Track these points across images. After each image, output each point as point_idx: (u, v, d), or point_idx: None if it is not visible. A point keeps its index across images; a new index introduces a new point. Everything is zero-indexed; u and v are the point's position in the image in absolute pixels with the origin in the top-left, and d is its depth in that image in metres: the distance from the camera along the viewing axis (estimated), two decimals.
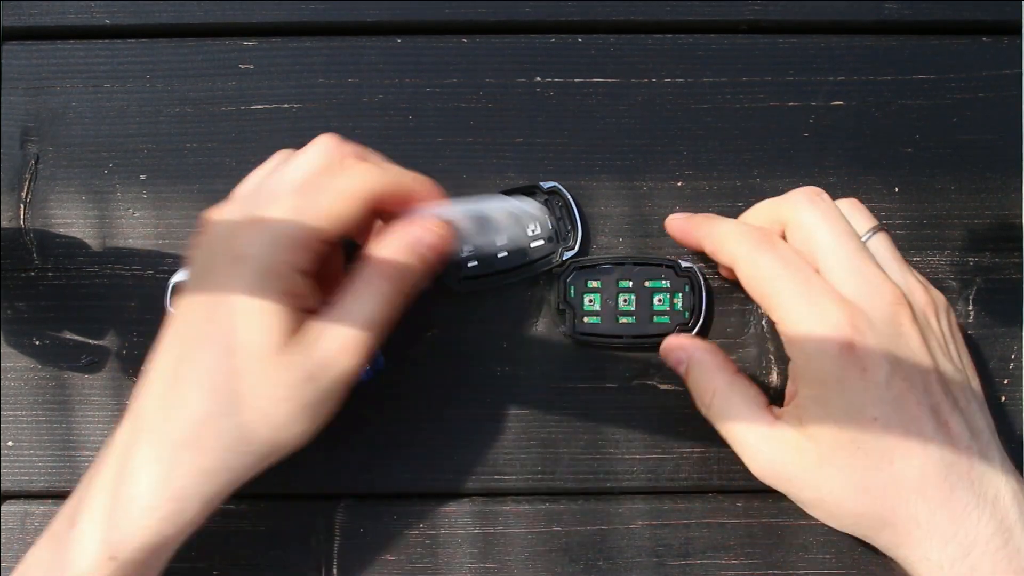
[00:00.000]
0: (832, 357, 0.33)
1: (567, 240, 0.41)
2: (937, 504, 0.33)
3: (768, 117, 0.44)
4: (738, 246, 0.36)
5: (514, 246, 0.41)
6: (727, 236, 0.37)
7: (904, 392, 0.33)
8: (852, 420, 0.33)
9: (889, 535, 0.34)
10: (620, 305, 0.41)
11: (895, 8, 0.44)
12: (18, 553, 0.43)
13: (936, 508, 0.33)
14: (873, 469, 0.33)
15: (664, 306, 0.41)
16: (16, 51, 0.44)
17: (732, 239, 0.36)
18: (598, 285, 0.41)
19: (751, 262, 0.36)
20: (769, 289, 0.35)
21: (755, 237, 0.36)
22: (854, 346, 0.33)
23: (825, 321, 0.33)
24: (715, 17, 0.44)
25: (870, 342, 0.33)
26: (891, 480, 0.33)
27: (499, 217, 0.38)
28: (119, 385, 0.43)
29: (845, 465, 0.34)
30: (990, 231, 0.43)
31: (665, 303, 0.41)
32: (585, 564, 0.42)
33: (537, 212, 0.40)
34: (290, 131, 0.43)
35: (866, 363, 0.33)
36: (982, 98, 0.44)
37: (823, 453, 0.34)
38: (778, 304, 0.35)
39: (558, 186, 0.42)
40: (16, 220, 0.43)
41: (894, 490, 0.33)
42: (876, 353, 0.33)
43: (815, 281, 0.35)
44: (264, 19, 0.44)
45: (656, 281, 0.41)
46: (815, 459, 0.34)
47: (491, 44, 0.44)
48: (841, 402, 0.33)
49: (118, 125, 0.43)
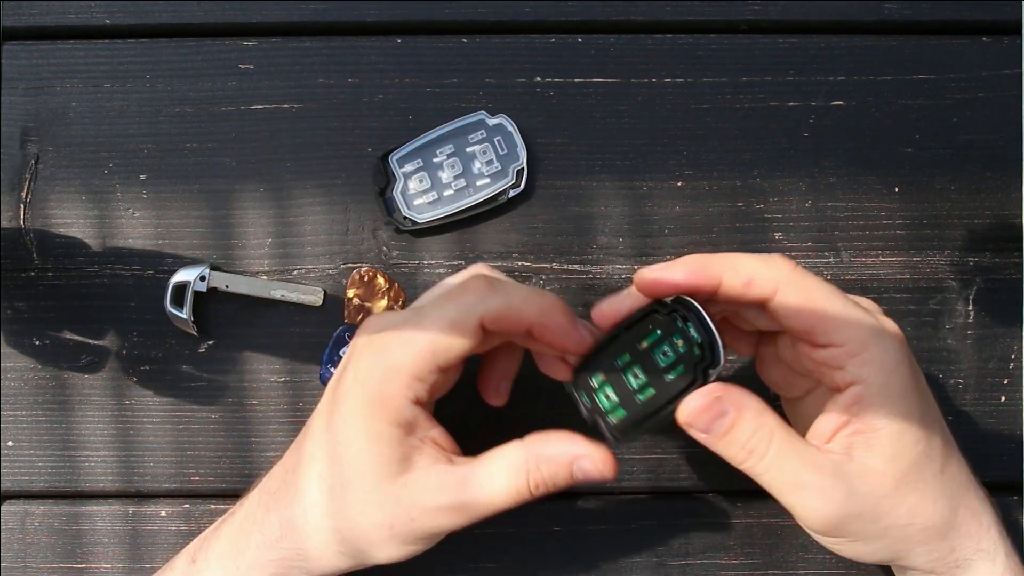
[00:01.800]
0: (908, 365, 0.33)
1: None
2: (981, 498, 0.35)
3: (768, 117, 0.44)
4: (779, 269, 0.33)
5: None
6: (758, 263, 0.33)
7: (932, 401, 0.35)
8: (923, 428, 0.33)
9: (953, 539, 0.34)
10: (632, 384, 0.34)
11: (895, 8, 0.44)
12: (18, 553, 0.43)
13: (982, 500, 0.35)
14: (940, 474, 0.34)
15: (671, 358, 0.33)
16: (16, 51, 0.44)
17: (766, 264, 0.33)
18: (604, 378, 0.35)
19: (802, 285, 0.33)
20: (832, 308, 0.32)
21: (786, 259, 0.34)
22: (910, 354, 0.34)
23: (892, 333, 0.33)
24: (715, 17, 0.44)
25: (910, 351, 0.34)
26: (952, 480, 0.34)
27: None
28: (119, 385, 0.43)
29: (919, 478, 0.33)
30: (990, 231, 0.43)
31: (671, 354, 0.33)
32: (585, 564, 0.42)
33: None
34: (290, 131, 0.43)
35: (917, 370, 0.34)
36: (982, 98, 0.44)
37: (899, 473, 0.33)
38: (850, 325, 0.32)
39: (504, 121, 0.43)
40: (16, 220, 0.43)
41: (957, 489, 0.34)
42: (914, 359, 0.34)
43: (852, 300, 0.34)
44: (264, 19, 0.44)
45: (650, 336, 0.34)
46: (891, 482, 0.33)
47: (491, 44, 0.44)
48: (917, 412, 0.33)
49: (118, 125, 0.43)
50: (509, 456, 0.33)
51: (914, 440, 0.33)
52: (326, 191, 0.43)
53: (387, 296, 0.43)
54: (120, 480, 0.43)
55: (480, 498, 0.33)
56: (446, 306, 0.33)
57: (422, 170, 0.43)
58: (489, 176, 0.43)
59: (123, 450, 0.43)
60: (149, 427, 0.43)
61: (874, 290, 0.43)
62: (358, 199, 0.43)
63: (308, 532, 0.34)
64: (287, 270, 0.43)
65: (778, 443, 0.33)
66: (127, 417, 0.43)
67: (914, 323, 0.43)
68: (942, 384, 0.43)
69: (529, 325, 0.33)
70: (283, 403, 0.43)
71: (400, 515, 0.33)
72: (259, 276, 0.43)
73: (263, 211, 0.43)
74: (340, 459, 0.34)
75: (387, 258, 0.43)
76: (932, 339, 0.43)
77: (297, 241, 0.43)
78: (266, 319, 0.43)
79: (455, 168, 0.43)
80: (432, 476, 0.33)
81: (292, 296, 0.42)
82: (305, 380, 0.43)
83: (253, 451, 0.43)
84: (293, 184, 0.43)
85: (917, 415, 0.33)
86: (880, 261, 0.43)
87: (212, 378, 0.43)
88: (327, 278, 0.43)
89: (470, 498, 0.33)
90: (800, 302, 0.33)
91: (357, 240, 0.43)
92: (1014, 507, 0.43)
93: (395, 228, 0.43)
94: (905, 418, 0.33)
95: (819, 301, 0.33)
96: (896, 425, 0.33)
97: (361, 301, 0.43)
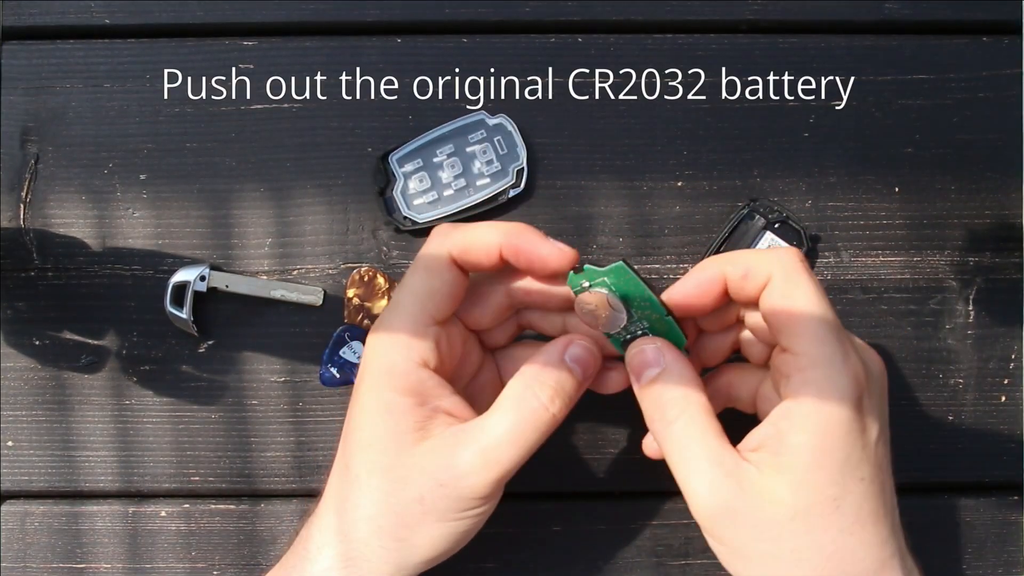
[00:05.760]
0: (850, 410, 0.31)
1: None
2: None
3: (768, 117, 0.44)
4: (777, 261, 0.32)
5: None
6: (758, 256, 0.33)
7: (883, 458, 0.32)
8: (845, 477, 0.31)
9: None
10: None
11: (895, 8, 0.44)
12: (18, 553, 0.43)
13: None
14: (847, 533, 0.31)
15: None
16: (16, 51, 0.44)
17: (765, 256, 0.33)
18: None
19: (791, 280, 0.32)
20: (807, 315, 0.31)
21: (793, 254, 0.33)
22: (863, 402, 0.31)
23: (849, 370, 0.31)
24: (715, 17, 0.44)
25: (872, 401, 0.32)
26: (860, 545, 0.31)
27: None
28: (119, 385, 0.43)
29: (819, 524, 0.31)
30: (990, 231, 0.43)
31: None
32: (585, 564, 0.42)
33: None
34: (290, 131, 0.43)
35: (866, 422, 0.31)
36: (982, 98, 0.44)
37: (799, 507, 0.31)
38: (811, 336, 0.31)
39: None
40: (16, 220, 0.43)
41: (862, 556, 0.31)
42: (872, 413, 0.32)
43: (841, 325, 0.32)
44: (264, 19, 0.44)
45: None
46: (787, 512, 0.31)
47: (491, 44, 0.44)
48: (841, 456, 0.31)
49: (118, 125, 0.43)
50: (511, 388, 0.33)
51: (829, 482, 0.31)
52: (326, 191, 0.43)
53: (387, 296, 0.43)
54: (120, 480, 0.43)
55: (502, 439, 0.32)
56: (417, 260, 0.34)
57: (422, 170, 0.43)
58: (489, 176, 0.43)
59: (123, 450, 0.43)
60: (149, 427, 0.43)
61: (874, 290, 0.43)
62: (358, 199, 0.43)
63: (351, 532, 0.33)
64: (287, 270, 0.43)
65: (689, 419, 0.32)
66: (127, 417, 0.43)
67: (914, 323, 0.43)
68: (942, 384, 0.43)
69: (499, 249, 0.33)
70: (283, 403, 0.43)
71: (427, 484, 0.32)
72: (259, 276, 0.43)
73: (263, 211, 0.43)
74: (360, 444, 0.33)
75: (387, 258, 0.43)
76: (932, 339, 0.43)
77: (297, 241, 0.43)
78: (266, 319, 0.43)
79: (455, 168, 0.43)
80: (448, 437, 0.33)
81: (292, 296, 0.42)
82: (305, 380, 0.43)
83: (253, 451, 0.43)
84: (293, 184, 0.43)
85: (841, 458, 0.31)
86: (880, 261, 0.43)
87: (212, 378, 0.43)
88: (327, 278, 0.43)
89: (491, 443, 0.32)
90: (781, 293, 0.32)
91: (357, 240, 0.43)
92: (1014, 507, 0.43)
93: (395, 228, 0.43)
94: (827, 454, 0.31)
95: (799, 301, 0.32)
96: (812, 458, 0.31)
97: (361, 301, 0.43)
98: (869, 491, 0.31)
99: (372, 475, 0.33)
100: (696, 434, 0.32)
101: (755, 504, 0.31)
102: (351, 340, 0.42)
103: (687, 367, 0.34)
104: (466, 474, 0.32)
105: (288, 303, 0.43)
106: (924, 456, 0.43)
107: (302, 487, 0.43)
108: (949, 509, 0.43)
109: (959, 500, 0.43)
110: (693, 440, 0.32)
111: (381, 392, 0.33)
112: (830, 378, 0.31)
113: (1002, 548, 0.43)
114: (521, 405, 0.33)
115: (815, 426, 0.31)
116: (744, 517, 0.31)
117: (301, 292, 0.42)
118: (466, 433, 0.33)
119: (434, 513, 0.33)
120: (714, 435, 0.32)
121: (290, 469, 0.43)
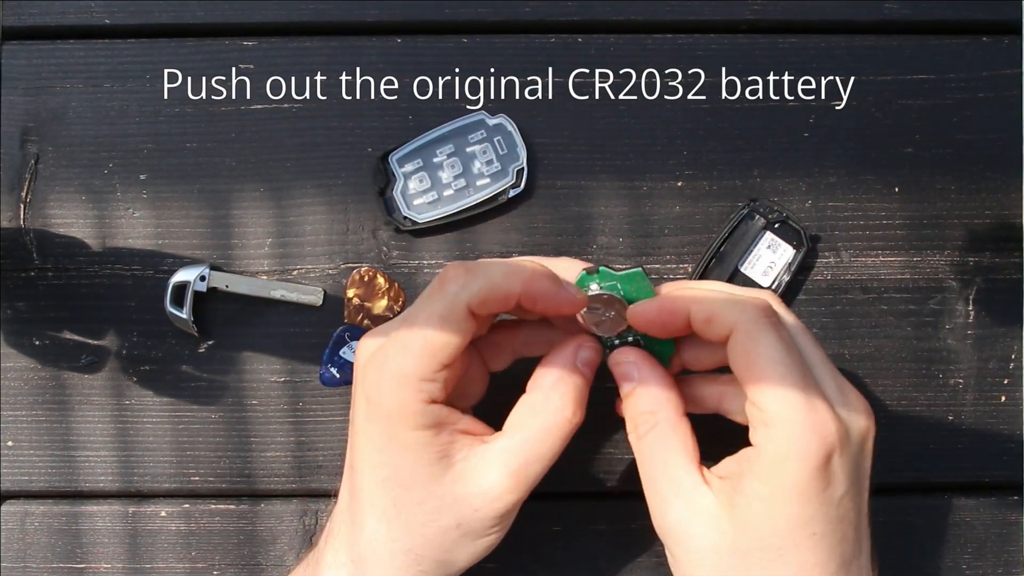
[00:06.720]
0: (809, 469, 0.30)
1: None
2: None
3: (768, 117, 0.44)
4: (740, 313, 0.32)
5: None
6: (724, 303, 0.33)
7: (847, 513, 0.32)
8: (792, 531, 0.31)
9: None
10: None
11: (895, 8, 0.44)
12: (18, 553, 0.43)
13: None
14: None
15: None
16: (16, 51, 0.44)
17: (730, 305, 0.32)
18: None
19: (752, 336, 0.32)
20: (768, 372, 0.31)
21: (758, 307, 0.32)
22: (831, 461, 0.31)
23: (817, 431, 0.31)
24: (715, 17, 0.44)
25: (844, 459, 0.31)
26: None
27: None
28: (119, 385, 0.43)
29: (758, 565, 0.31)
30: (990, 231, 0.43)
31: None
32: (585, 564, 0.42)
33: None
34: (290, 131, 0.43)
35: (832, 478, 0.31)
36: (982, 98, 0.44)
37: (741, 546, 0.31)
38: (772, 395, 0.31)
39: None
40: (16, 220, 0.43)
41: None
42: (843, 470, 0.31)
43: (811, 380, 0.32)
44: (264, 19, 0.44)
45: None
46: (729, 547, 0.31)
47: (491, 44, 0.44)
48: (790, 512, 0.31)
49: (118, 125, 0.43)
50: (530, 400, 0.34)
51: (773, 532, 0.31)
52: (326, 191, 0.43)
53: (387, 296, 0.43)
54: (120, 480, 0.43)
55: (529, 456, 0.33)
56: (431, 302, 0.33)
57: (422, 170, 0.43)
58: (489, 176, 0.43)
59: (123, 450, 0.43)
60: (149, 427, 0.43)
61: (874, 290, 0.43)
62: (358, 199, 0.43)
63: (380, 561, 0.34)
64: (287, 270, 0.43)
65: (656, 435, 0.33)
66: (127, 417, 0.43)
67: (914, 323, 0.43)
68: (942, 384, 0.43)
69: (516, 299, 0.33)
70: (283, 403, 0.43)
71: (463, 511, 0.33)
72: (259, 276, 0.43)
73: (263, 211, 0.43)
74: (384, 481, 0.33)
75: (387, 258, 0.43)
76: (932, 339, 0.43)
77: (297, 241, 0.43)
78: (266, 319, 0.43)
79: (455, 168, 0.43)
80: (473, 459, 0.33)
81: (292, 296, 0.42)
82: (305, 380, 0.43)
83: (253, 451, 0.43)
84: (293, 184, 0.43)
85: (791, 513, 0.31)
86: (880, 261, 0.43)
87: (212, 378, 0.43)
88: (327, 278, 0.43)
89: (520, 462, 0.33)
90: (743, 348, 0.32)
91: (357, 240, 0.43)
92: (1014, 507, 0.43)
93: (395, 228, 0.43)
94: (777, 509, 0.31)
95: (762, 358, 0.31)
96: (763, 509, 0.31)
97: (361, 301, 0.43)
98: (820, 545, 0.31)
99: (402, 511, 0.33)
100: (660, 451, 0.33)
101: (701, 531, 0.32)
102: (351, 340, 0.42)
103: (662, 381, 0.34)
104: (499, 496, 0.33)
105: (288, 303, 0.43)
106: (924, 456, 0.43)
107: (302, 487, 0.43)
108: (949, 509, 0.43)
109: (959, 500, 0.43)
110: (657, 457, 0.33)
111: (395, 430, 0.33)
112: (790, 437, 0.31)
113: (1002, 548, 0.43)
114: (544, 419, 0.33)
115: (770, 479, 0.31)
116: (690, 540, 0.32)
117: (301, 292, 0.43)
118: (492, 453, 0.33)
119: (471, 534, 0.33)
120: (679, 453, 0.33)
121: (290, 469, 0.43)
